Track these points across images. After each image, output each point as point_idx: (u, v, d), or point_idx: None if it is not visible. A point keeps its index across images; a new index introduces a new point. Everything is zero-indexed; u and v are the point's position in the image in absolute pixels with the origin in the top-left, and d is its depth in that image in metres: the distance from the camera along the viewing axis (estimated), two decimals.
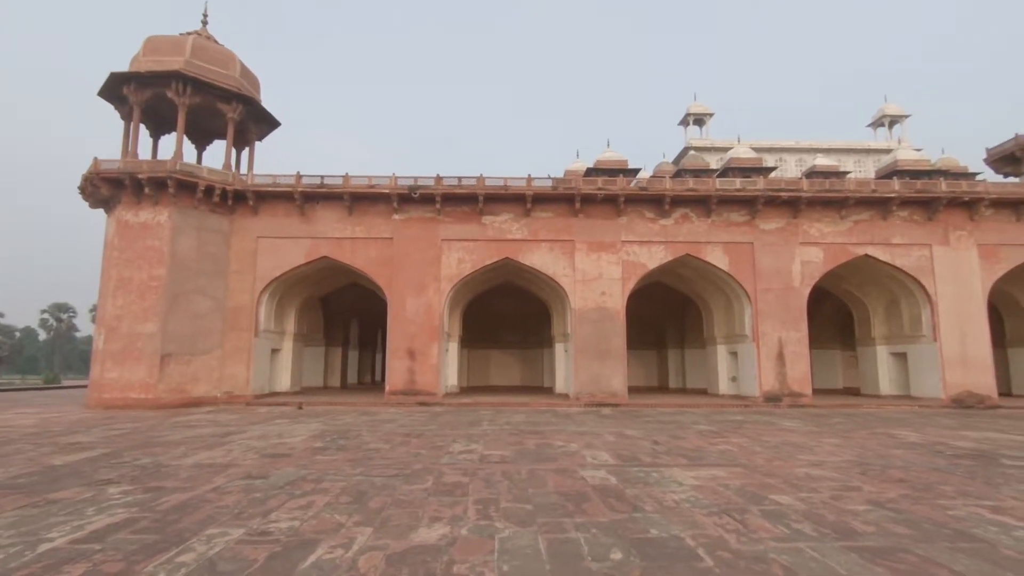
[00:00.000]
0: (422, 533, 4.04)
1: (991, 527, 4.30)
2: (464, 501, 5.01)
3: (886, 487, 5.75)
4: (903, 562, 3.50)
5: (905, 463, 7.22)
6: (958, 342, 17.90)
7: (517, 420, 12.52)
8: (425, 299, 17.74)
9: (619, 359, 17.66)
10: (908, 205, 18.24)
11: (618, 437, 9.63)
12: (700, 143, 38.80)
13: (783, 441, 9.24)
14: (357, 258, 18.05)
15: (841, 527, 4.27)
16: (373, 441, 8.94)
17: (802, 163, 36.63)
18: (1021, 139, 22.20)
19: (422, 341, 17.54)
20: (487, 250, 18.05)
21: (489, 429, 10.76)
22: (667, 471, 6.53)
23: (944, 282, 18.06)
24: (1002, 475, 6.44)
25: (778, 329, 17.81)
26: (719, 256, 18.10)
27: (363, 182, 17.78)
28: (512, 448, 8.29)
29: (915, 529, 4.23)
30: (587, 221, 18.10)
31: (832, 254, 18.18)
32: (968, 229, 18.25)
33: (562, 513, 4.63)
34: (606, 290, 17.86)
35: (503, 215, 18.08)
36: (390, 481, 5.85)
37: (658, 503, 4.98)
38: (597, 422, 12.22)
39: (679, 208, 18.18)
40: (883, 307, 20.19)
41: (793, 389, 17.49)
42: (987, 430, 11.13)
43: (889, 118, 39.47)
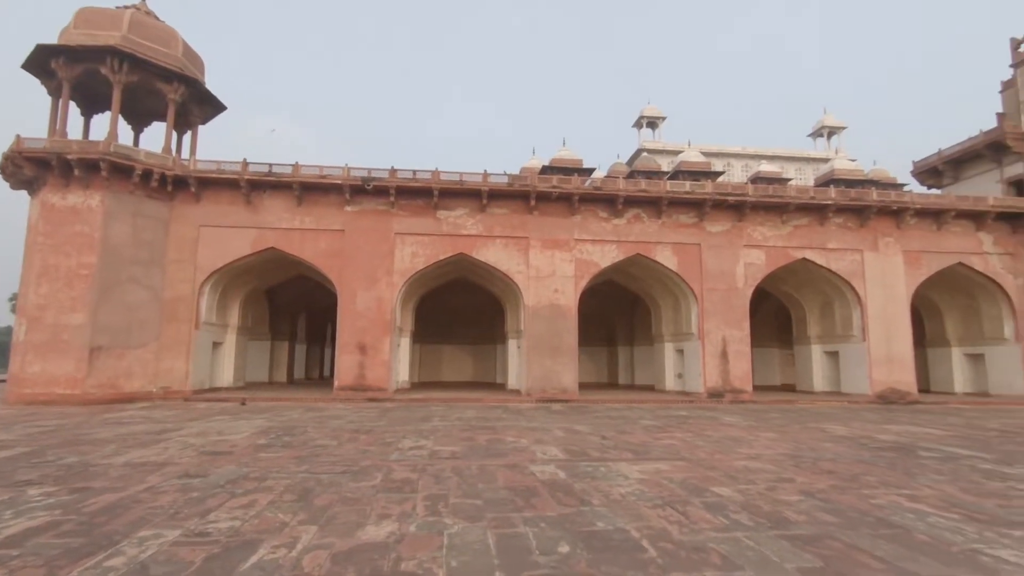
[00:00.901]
0: (369, 531, 3.98)
1: (908, 514, 4.63)
2: (413, 498, 4.97)
3: (816, 478, 6.08)
4: (829, 548, 3.72)
5: (834, 455, 7.66)
6: (884, 342, 19.11)
7: (469, 416, 12.51)
8: (377, 293, 17.44)
9: (571, 356, 17.91)
10: (843, 212, 19.30)
11: (568, 433, 9.78)
12: (653, 145, 39.76)
13: (724, 436, 9.62)
14: (306, 250, 17.54)
15: (775, 517, 4.49)
16: (320, 438, 8.73)
17: (748, 169, 38.15)
18: (943, 154, 23.91)
19: (373, 336, 17.25)
20: (441, 245, 17.91)
21: (440, 425, 10.70)
22: (614, 465, 6.68)
23: (873, 285, 19.23)
24: (919, 466, 6.94)
25: (722, 328, 18.50)
26: (668, 256, 18.62)
27: (314, 172, 17.28)
28: (463, 444, 8.28)
29: (841, 517, 4.50)
30: (542, 219, 18.24)
31: (773, 257, 19.03)
32: (895, 236, 19.49)
33: (511, 508, 4.66)
34: (559, 287, 18.07)
35: (458, 210, 17.98)
36: (337, 478, 5.74)
37: (605, 497, 5.09)
38: (548, 418, 12.37)
39: (631, 208, 18.58)
40: (818, 308, 21.32)
41: (735, 386, 18.23)
42: (907, 424, 11.95)
43: (828, 129, 41.63)
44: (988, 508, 4.88)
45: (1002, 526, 4.32)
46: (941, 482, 5.95)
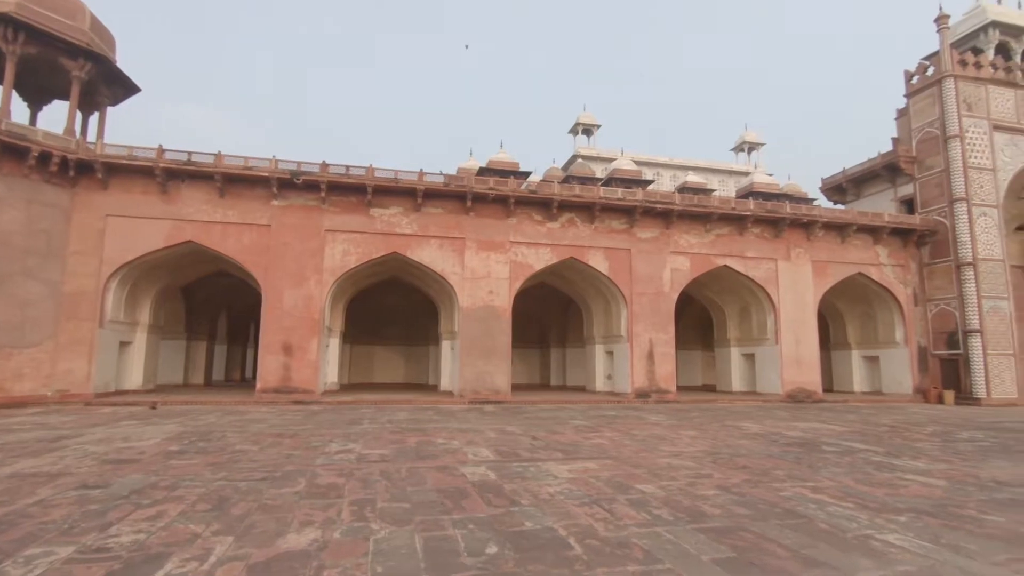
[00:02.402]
0: (290, 539, 3.82)
1: (811, 505, 5.00)
2: (339, 503, 4.82)
3: (732, 473, 6.44)
4: (742, 539, 3.95)
5: (748, 452, 8.15)
6: (794, 345, 20.56)
7: (400, 418, 12.29)
8: (305, 291, 16.78)
9: (504, 357, 18.01)
10: (760, 223, 20.59)
11: (499, 433, 9.82)
12: (587, 152, 40.75)
13: (650, 434, 10.00)
14: (228, 245, 16.60)
15: (693, 511, 4.72)
16: (239, 442, 8.28)
17: (676, 179, 39.90)
18: (847, 173, 26.04)
19: (300, 335, 16.58)
20: (374, 243, 17.50)
21: (370, 428, 10.44)
22: (544, 465, 6.78)
23: (785, 292, 20.64)
24: (822, 460, 7.51)
25: (650, 331, 19.23)
26: (600, 261, 19.14)
27: (238, 162, 16.39)
28: (393, 447, 8.12)
29: (753, 510, 4.79)
30: (478, 220, 18.23)
31: (697, 263, 20.00)
32: (805, 247, 21.02)
33: (441, 510, 4.62)
34: (494, 289, 18.12)
35: (393, 208, 17.64)
36: (257, 485, 5.46)
37: (534, 496, 5.15)
38: (480, 419, 12.36)
39: (566, 213, 18.94)
40: (737, 313, 22.61)
41: (661, 386, 18.99)
42: (812, 421, 12.90)
43: (748, 144, 44.31)
44: (878, 497, 5.35)
45: (890, 513, 4.75)
46: (840, 474, 6.47)
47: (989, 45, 23.34)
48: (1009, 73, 22.19)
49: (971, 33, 23.86)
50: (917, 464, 7.28)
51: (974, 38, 23.80)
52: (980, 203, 20.96)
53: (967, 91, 21.53)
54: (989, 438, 10.21)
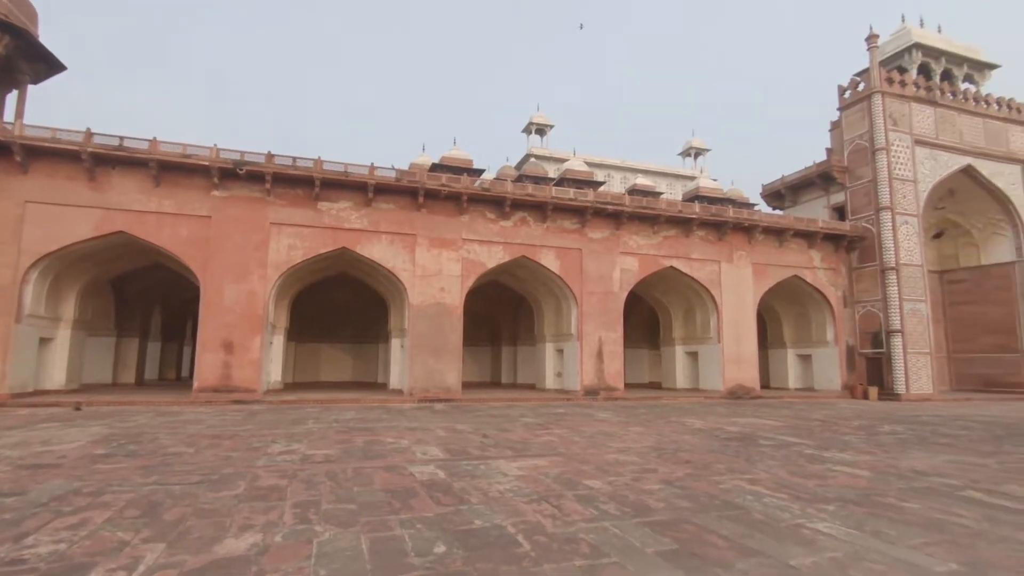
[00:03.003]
0: (228, 544, 3.66)
1: (748, 496, 5.22)
2: (281, 505, 4.66)
3: (676, 468, 6.65)
4: (684, 531, 4.08)
5: (691, 446, 8.43)
6: (735, 344, 21.43)
7: (347, 417, 12.01)
8: (248, 286, 16.12)
9: (455, 355, 17.90)
10: (705, 226, 21.34)
11: (449, 432, 9.76)
12: (540, 152, 41.06)
13: (598, 431, 10.18)
14: (164, 236, 15.74)
15: (639, 505, 4.83)
16: (174, 445, 7.87)
17: (626, 181, 40.78)
18: (785, 180, 27.36)
19: (242, 332, 15.92)
20: (322, 238, 17.01)
21: (315, 427, 10.15)
22: (494, 463, 6.78)
23: (727, 293, 21.48)
24: (759, 453, 7.86)
25: (599, 329, 19.59)
26: (552, 260, 19.33)
27: (176, 150, 15.55)
28: (339, 447, 7.92)
29: (695, 503, 4.95)
30: (430, 216, 18.04)
31: (645, 264, 20.53)
32: (746, 250, 21.94)
33: (388, 511, 4.54)
34: (445, 286, 17.98)
35: (342, 203, 17.20)
36: (192, 489, 5.20)
37: (483, 494, 5.14)
38: (430, 417, 12.25)
39: (519, 211, 19.01)
40: (682, 313, 23.36)
41: (609, 384, 19.38)
42: (751, 416, 13.49)
43: (695, 150, 45.81)
44: (809, 488, 5.65)
45: (820, 502, 5.03)
46: (775, 467, 6.79)
47: (913, 65, 25.04)
48: (930, 92, 23.90)
49: (897, 53, 25.54)
50: (844, 456, 7.73)
51: (900, 58, 25.48)
52: (903, 212, 22.48)
53: (893, 107, 23.03)
54: (908, 431, 10.97)
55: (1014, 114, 25.42)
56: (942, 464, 7.19)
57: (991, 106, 25.09)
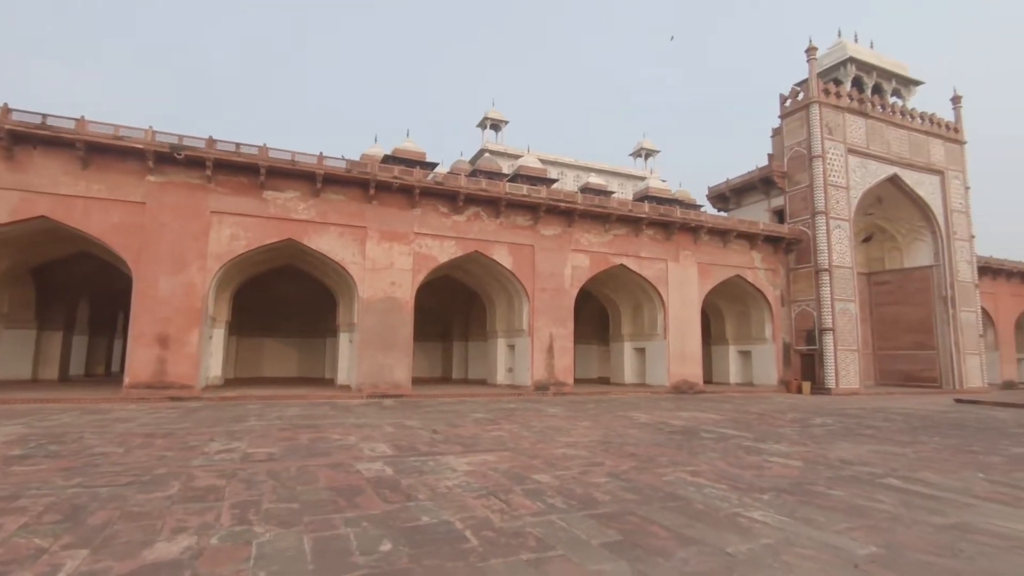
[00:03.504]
0: (159, 548, 3.48)
1: (690, 488, 5.40)
2: (218, 506, 4.46)
3: (622, 461, 6.81)
4: (628, 523, 4.18)
5: (637, 440, 8.65)
6: (680, 340, 22.13)
7: (291, 414, 11.65)
8: (186, 278, 15.35)
9: (405, 350, 17.67)
10: (654, 226, 21.90)
11: (398, 428, 9.63)
12: (495, 147, 41.01)
13: (547, 426, 10.29)
14: (93, 223, 14.75)
15: (585, 498, 4.92)
16: (101, 444, 7.41)
17: (579, 179, 41.33)
18: (729, 183, 28.43)
19: (179, 326, 15.15)
20: (268, 228, 16.39)
21: (257, 425, 9.79)
22: (443, 459, 6.74)
23: (674, 292, 22.15)
24: (700, 446, 8.15)
25: (550, 325, 19.79)
26: (504, 255, 19.35)
27: (106, 130, 14.59)
28: (282, 444, 7.67)
29: (639, 495, 5.09)
30: (381, 209, 17.69)
31: (596, 262, 20.87)
32: (692, 250, 22.67)
33: (332, 509, 4.44)
34: (396, 280, 17.70)
35: (289, 192, 16.62)
36: (121, 491, 4.91)
37: (432, 490, 5.10)
38: (378, 413, 12.05)
39: (472, 206, 18.92)
40: (631, 309, 23.91)
41: (559, 379, 19.62)
42: (694, 411, 13.98)
43: (645, 151, 46.90)
44: (747, 478, 5.91)
45: (756, 492, 5.26)
46: (715, 458, 7.06)
47: (847, 78, 26.49)
48: (862, 104, 25.36)
49: (834, 66, 26.94)
50: (779, 447, 8.13)
51: (836, 70, 26.90)
52: (836, 217, 23.79)
53: (829, 117, 24.31)
54: (837, 423, 11.65)
55: (935, 128, 27.34)
56: (866, 454, 7.68)
57: (915, 120, 26.89)
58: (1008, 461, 7.27)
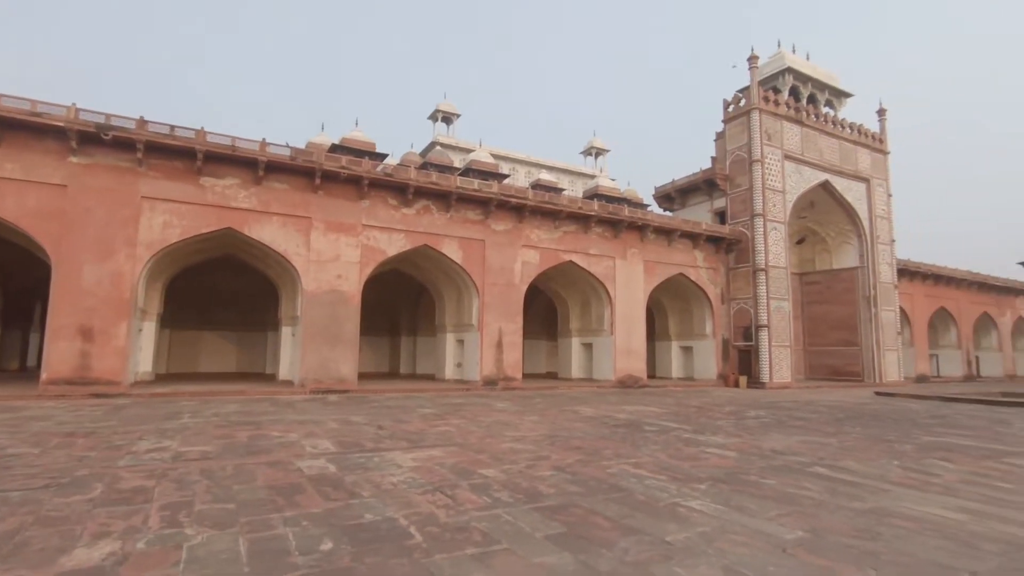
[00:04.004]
0: (79, 555, 3.25)
1: (632, 479, 5.55)
2: (145, 508, 4.22)
3: (567, 454, 6.91)
4: (573, 515, 4.25)
5: (583, 433, 8.81)
6: (626, 336, 22.69)
7: (228, 411, 11.17)
8: (113, 267, 14.41)
9: (351, 344, 17.28)
10: (602, 223, 22.31)
11: (342, 424, 9.41)
12: (446, 140, 40.60)
13: (495, 420, 10.32)
14: (6, 206, 13.60)
15: (531, 492, 4.96)
16: (12, 445, 6.86)
17: (530, 175, 41.51)
18: (675, 184, 29.31)
19: (105, 318, 14.22)
20: (205, 216, 15.60)
21: (191, 422, 9.33)
22: (388, 455, 6.64)
23: (621, 288, 22.66)
24: (643, 439, 8.39)
25: (500, 320, 19.83)
26: (454, 250, 19.22)
27: (22, 106, 13.47)
28: (218, 442, 7.34)
29: (583, 487, 5.18)
30: (327, 200, 17.19)
31: (546, 258, 21.07)
32: (638, 248, 23.26)
33: (271, 509, 4.29)
34: (342, 273, 17.26)
35: (228, 179, 15.87)
36: (36, 494, 4.57)
37: (376, 487, 5.02)
38: (322, 409, 11.74)
39: (422, 199, 18.68)
40: (579, 305, 24.30)
41: (508, 374, 19.71)
42: (637, 404, 14.37)
43: (596, 150, 47.63)
44: (685, 469, 6.13)
45: (694, 482, 5.47)
46: (656, 451, 7.29)
47: (785, 87, 27.81)
48: (798, 112, 26.69)
49: (773, 75, 28.21)
50: (716, 439, 8.47)
51: (775, 79, 28.17)
52: (773, 219, 24.98)
53: (768, 124, 25.45)
54: (769, 415, 12.27)
55: (862, 138, 29.15)
56: (795, 444, 8.12)
57: (845, 129, 28.57)
58: (919, 449, 7.86)
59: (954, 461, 6.92)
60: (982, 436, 9.36)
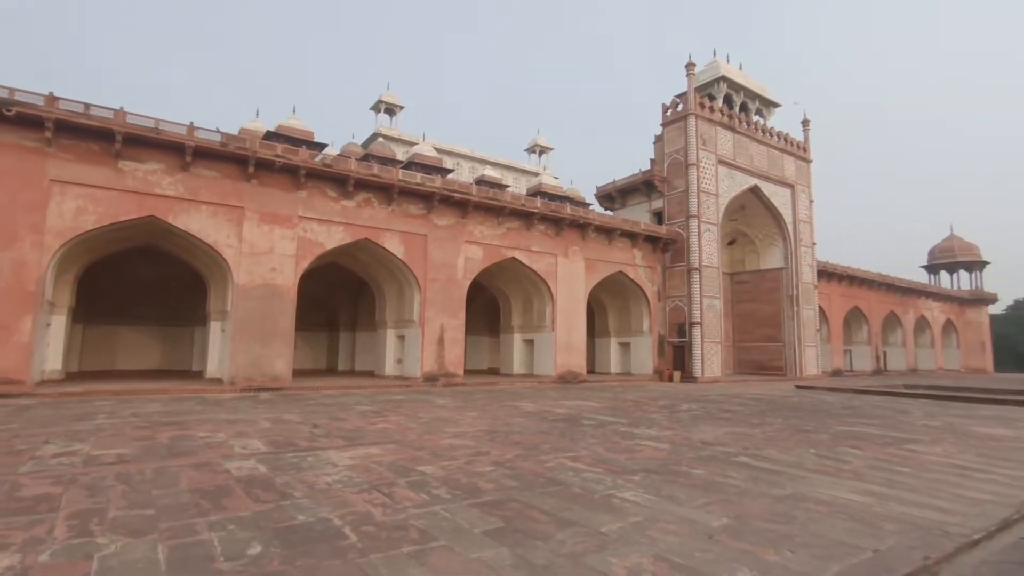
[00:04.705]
0: None
1: (569, 472, 5.66)
2: (51, 518, 3.91)
3: (507, 449, 6.96)
4: (511, 510, 4.29)
5: (522, 428, 8.89)
6: (566, 332, 23.08)
7: (150, 411, 10.50)
8: (15, 255, 13.19)
9: (285, 340, 16.64)
10: (545, 221, 22.56)
11: (275, 423, 9.06)
12: (389, 132, 39.80)
13: (435, 417, 10.24)
14: None
15: (470, 487, 4.96)
16: None
17: (474, 171, 41.37)
18: (616, 184, 30.04)
19: (6, 311, 12.99)
20: (124, 203, 14.55)
21: (106, 423, 8.70)
22: (323, 454, 6.45)
23: (562, 285, 23.02)
24: (581, 433, 8.56)
25: (441, 316, 19.67)
26: (396, 244, 18.88)
27: None
28: (137, 444, 6.89)
29: (522, 482, 5.23)
30: (261, 189, 16.45)
31: (489, 254, 21.08)
32: (580, 246, 23.69)
33: (195, 513, 4.07)
34: (277, 266, 16.58)
35: (151, 164, 14.87)
36: None
37: (310, 487, 4.87)
38: (253, 408, 11.25)
39: (362, 192, 18.21)
40: (521, 302, 24.49)
41: (449, 370, 19.60)
42: (577, 399, 14.66)
43: (540, 148, 48.08)
44: (621, 461, 6.31)
45: (628, 474, 5.64)
46: (594, 444, 7.47)
47: (720, 94, 29.06)
48: (731, 119, 27.98)
49: (709, 82, 29.41)
50: (650, 432, 8.78)
51: (711, 87, 29.39)
52: (706, 221, 26.09)
53: (703, 129, 26.53)
54: (700, 408, 12.83)
55: (788, 146, 30.93)
56: (723, 435, 8.54)
57: (773, 137, 30.23)
58: (832, 438, 8.46)
59: (862, 448, 7.49)
60: (887, 425, 10.19)
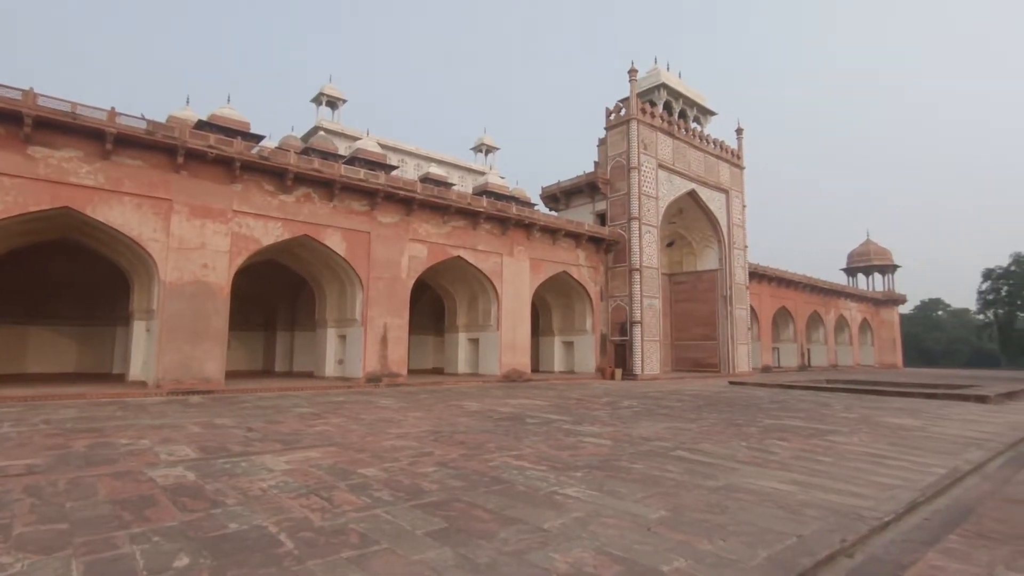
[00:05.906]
0: None
1: (514, 471, 5.69)
2: None
3: (451, 449, 6.92)
4: (455, 510, 4.27)
5: (467, 428, 8.86)
6: (512, 331, 23.20)
7: (63, 417, 9.73)
8: None
9: (217, 341, 15.84)
10: (491, 220, 22.57)
11: (206, 428, 8.61)
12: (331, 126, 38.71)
13: (378, 418, 10.04)
14: None
15: (413, 489, 4.90)
16: None
17: (419, 168, 40.85)
18: (560, 185, 30.47)
19: None
20: (34, 192, 13.41)
21: (12, 431, 8.00)
22: (258, 459, 6.20)
23: (507, 285, 23.11)
24: (525, 431, 8.63)
25: (385, 315, 19.31)
26: (338, 242, 18.37)
27: None
28: (48, 454, 6.37)
29: (466, 481, 5.22)
30: (192, 181, 15.58)
31: (434, 252, 20.87)
32: (525, 245, 23.87)
33: (115, 525, 3.81)
34: (209, 263, 15.76)
35: (67, 151, 13.79)
36: None
37: (243, 494, 4.66)
38: (182, 412, 10.64)
39: (302, 187, 17.60)
40: (467, 301, 24.40)
41: (392, 370, 19.26)
42: (522, 398, 14.76)
43: (486, 147, 48.10)
44: (564, 458, 6.41)
45: (571, 470, 5.73)
46: (538, 442, 7.54)
47: (660, 101, 30.02)
48: (670, 126, 28.97)
49: (650, 89, 30.32)
50: (593, 428, 8.96)
51: (651, 93, 30.30)
52: (647, 223, 26.89)
53: (645, 134, 27.32)
54: (640, 405, 13.22)
55: (723, 153, 32.36)
56: (661, 430, 8.83)
57: (710, 144, 31.53)
58: (762, 431, 8.92)
59: (788, 440, 7.95)
60: (810, 417, 10.86)
